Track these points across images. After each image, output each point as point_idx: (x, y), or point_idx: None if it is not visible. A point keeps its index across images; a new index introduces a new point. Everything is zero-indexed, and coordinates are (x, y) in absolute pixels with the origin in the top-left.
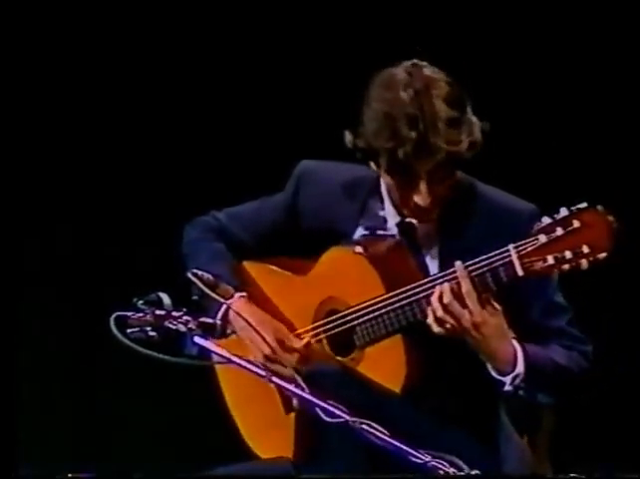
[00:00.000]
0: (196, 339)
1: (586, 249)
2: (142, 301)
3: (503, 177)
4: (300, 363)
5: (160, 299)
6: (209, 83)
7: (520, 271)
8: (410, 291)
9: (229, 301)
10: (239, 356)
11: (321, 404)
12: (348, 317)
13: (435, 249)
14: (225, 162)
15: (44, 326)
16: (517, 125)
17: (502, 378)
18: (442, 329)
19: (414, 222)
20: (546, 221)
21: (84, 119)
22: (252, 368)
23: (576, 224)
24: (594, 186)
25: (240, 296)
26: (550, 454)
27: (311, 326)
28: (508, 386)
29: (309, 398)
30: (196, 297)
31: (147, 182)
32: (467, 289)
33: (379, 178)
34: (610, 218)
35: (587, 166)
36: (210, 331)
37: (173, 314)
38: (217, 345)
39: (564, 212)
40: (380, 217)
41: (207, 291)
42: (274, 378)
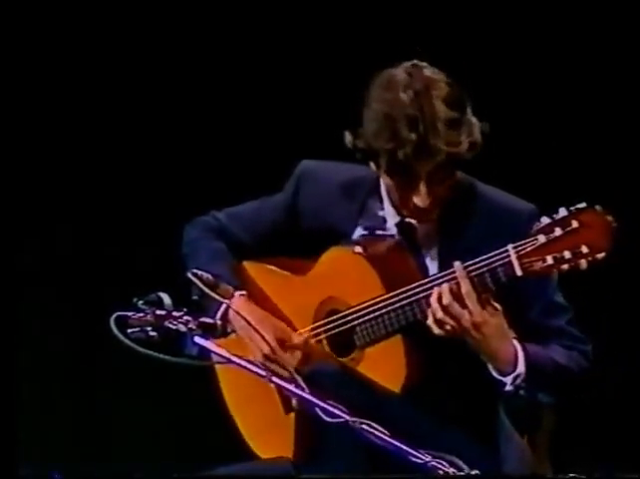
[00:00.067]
0: (196, 339)
1: (585, 250)
2: (142, 301)
3: (503, 177)
4: (300, 362)
5: (161, 299)
6: (210, 83)
7: (519, 272)
8: (409, 292)
9: (229, 301)
10: (239, 356)
11: (321, 404)
12: (348, 318)
13: (434, 250)
14: (225, 162)
15: (44, 326)
16: (517, 125)
17: (503, 378)
18: (442, 331)
19: (413, 222)
20: (545, 221)
21: (84, 119)
22: (252, 368)
23: (575, 224)
24: (593, 186)
25: (240, 295)
26: (550, 454)
27: (311, 327)
28: (509, 386)
29: (309, 398)
30: (196, 297)
31: (147, 182)
32: (466, 290)
33: (379, 178)
34: (609, 218)
35: (586, 166)
36: (210, 331)
37: (174, 314)
38: (217, 345)
39: (563, 212)
40: (379, 217)
41: (207, 291)
42: (274, 378)
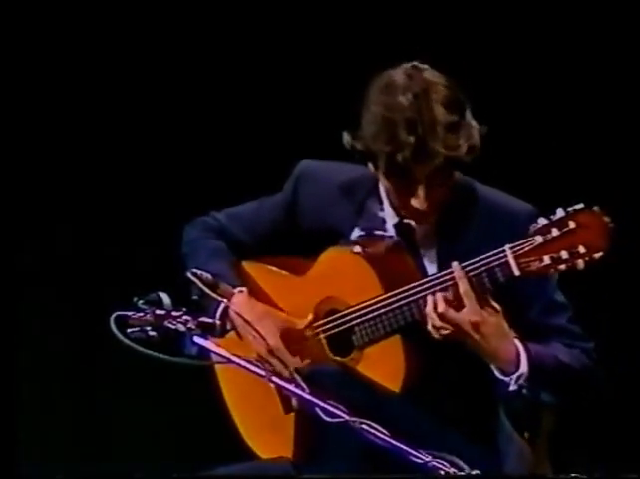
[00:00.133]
0: (196, 339)
1: (582, 250)
2: (142, 301)
3: (501, 177)
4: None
5: (160, 299)
6: (210, 84)
7: (517, 272)
8: (408, 292)
9: (229, 300)
10: (239, 356)
11: (321, 404)
12: (347, 318)
13: (433, 250)
14: (225, 162)
15: (44, 326)
16: (515, 125)
17: (507, 379)
18: (442, 337)
19: (412, 223)
20: (543, 221)
21: (84, 119)
22: (252, 368)
23: (572, 224)
24: (590, 186)
25: (240, 292)
26: (550, 454)
27: (310, 327)
28: (513, 386)
29: (309, 398)
30: (196, 297)
31: (146, 182)
32: (464, 290)
33: (378, 178)
34: (606, 218)
35: (584, 166)
36: (210, 331)
37: (173, 314)
38: (217, 345)
39: (561, 212)
40: (379, 217)
41: (207, 291)
42: (274, 378)
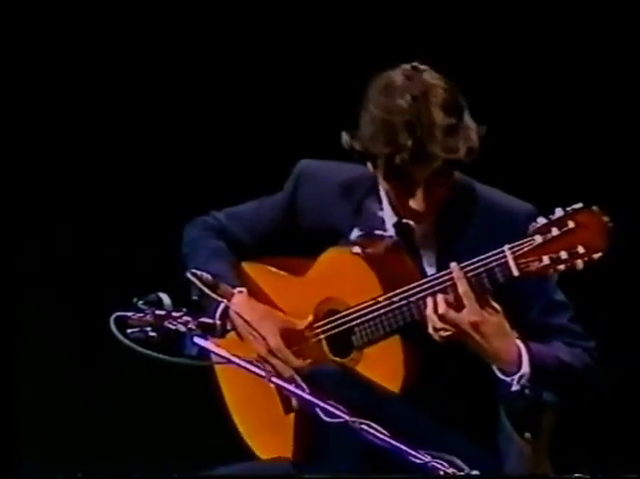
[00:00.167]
0: (196, 340)
1: (581, 250)
2: (142, 301)
3: (500, 177)
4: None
5: (160, 299)
6: (210, 84)
7: (516, 272)
8: (407, 292)
9: (229, 300)
10: (239, 356)
11: (321, 404)
12: (346, 318)
13: (432, 250)
14: (225, 162)
15: (44, 326)
16: (514, 126)
17: (509, 379)
18: (443, 339)
19: (411, 223)
20: (542, 221)
21: (83, 119)
22: (252, 368)
23: (571, 224)
24: (589, 186)
25: (239, 292)
26: (551, 454)
27: (310, 327)
28: (515, 386)
29: (309, 398)
30: (196, 297)
31: (146, 182)
32: (464, 290)
33: (377, 179)
34: (605, 218)
35: (583, 166)
36: (210, 331)
37: (173, 315)
38: (217, 345)
39: (559, 212)
40: (378, 217)
41: (207, 291)
42: (274, 378)
